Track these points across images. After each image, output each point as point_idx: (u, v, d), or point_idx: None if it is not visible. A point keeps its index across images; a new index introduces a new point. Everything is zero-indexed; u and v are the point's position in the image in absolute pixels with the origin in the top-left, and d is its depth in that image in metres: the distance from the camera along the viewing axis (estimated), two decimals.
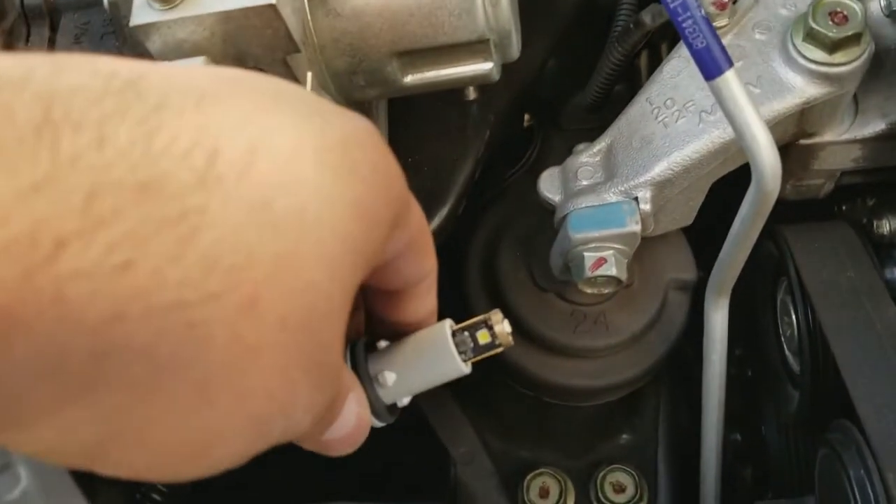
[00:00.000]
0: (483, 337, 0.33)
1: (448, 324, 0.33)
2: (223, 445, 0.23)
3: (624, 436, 0.55)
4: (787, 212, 0.51)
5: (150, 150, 0.19)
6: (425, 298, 0.33)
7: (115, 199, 0.18)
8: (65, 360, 0.18)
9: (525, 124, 0.63)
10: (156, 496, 0.31)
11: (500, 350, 0.33)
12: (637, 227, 0.45)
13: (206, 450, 0.22)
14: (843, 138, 0.46)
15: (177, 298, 0.19)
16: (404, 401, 0.35)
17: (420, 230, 0.29)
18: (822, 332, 0.45)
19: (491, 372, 0.53)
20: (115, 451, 0.21)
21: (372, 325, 0.35)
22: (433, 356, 0.33)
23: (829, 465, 0.42)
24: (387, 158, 0.26)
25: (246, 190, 0.20)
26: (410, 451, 0.58)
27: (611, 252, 0.45)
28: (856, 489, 0.40)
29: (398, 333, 0.34)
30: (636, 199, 0.45)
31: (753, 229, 0.39)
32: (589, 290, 0.48)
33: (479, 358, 0.34)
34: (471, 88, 0.50)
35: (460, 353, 0.33)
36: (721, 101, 0.35)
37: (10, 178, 0.17)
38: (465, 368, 0.33)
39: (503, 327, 0.33)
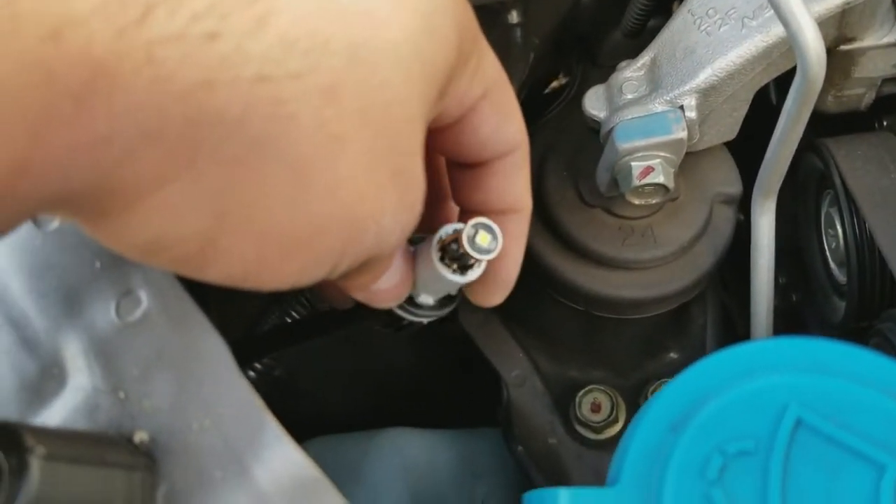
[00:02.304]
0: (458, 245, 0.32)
1: (445, 229, 0.33)
2: (321, 239, 0.24)
3: (671, 354, 0.57)
4: (829, 128, 0.53)
5: None
6: (511, 181, 0.33)
7: None
8: (162, 125, 0.20)
9: (556, 84, 0.66)
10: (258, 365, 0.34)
11: (481, 258, 0.33)
12: (683, 134, 0.47)
13: (306, 241, 0.24)
14: (884, 42, 0.47)
15: (260, 72, 0.21)
16: (420, 296, 0.36)
17: (498, 84, 0.30)
18: (868, 232, 0.47)
19: (541, 294, 0.55)
20: (222, 238, 0.23)
21: None
22: (427, 263, 0.34)
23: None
24: None
25: None
26: (464, 377, 0.61)
27: (658, 160, 0.48)
28: None
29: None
30: (682, 107, 0.47)
31: (800, 121, 0.41)
32: (636, 201, 0.50)
33: (454, 264, 0.33)
34: (514, 12, 0.53)
35: (449, 257, 0.33)
36: None
37: None
38: (448, 274, 0.33)
39: (469, 243, 0.32)
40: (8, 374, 0.27)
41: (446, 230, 0.33)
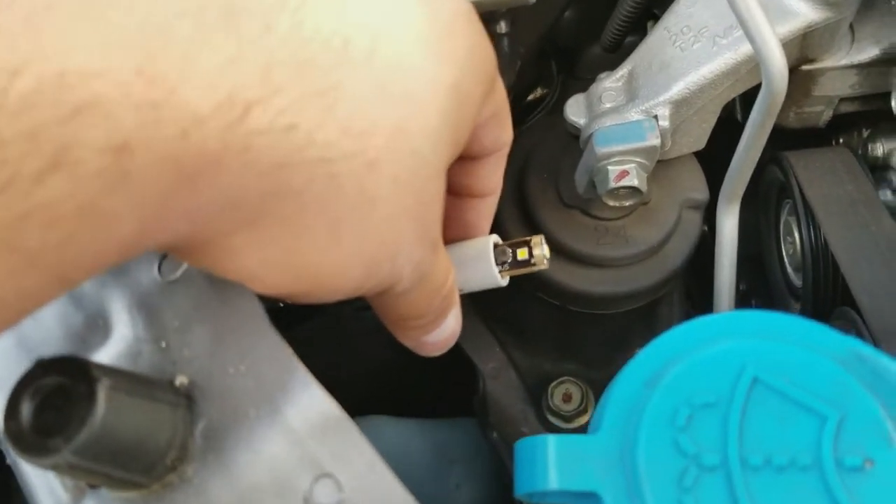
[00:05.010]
0: (521, 254, 0.41)
1: (493, 238, 0.41)
2: (343, 277, 0.29)
3: (638, 350, 0.62)
4: (790, 143, 0.58)
5: (302, 35, 0.25)
6: (495, 169, 0.40)
7: (281, 74, 0.24)
8: (244, 195, 0.25)
9: (532, 97, 0.70)
10: None
11: (534, 269, 0.41)
12: (657, 142, 0.52)
13: (331, 279, 0.29)
14: (842, 63, 0.53)
15: (322, 155, 0.26)
16: None
17: (502, 104, 0.36)
18: (823, 238, 0.52)
19: (519, 290, 0.59)
20: (266, 274, 0.28)
21: None
22: (475, 263, 0.41)
23: None
24: (481, 42, 0.32)
25: (370, 71, 0.27)
26: (441, 368, 0.65)
27: (633, 165, 0.52)
28: None
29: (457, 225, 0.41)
30: (656, 116, 0.52)
31: (763, 131, 0.46)
32: (612, 203, 0.55)
33: (514, 272, 0.42)
34: (503, 23, 0.57)
35: (499, 263, 0.41)
36: (733, 6, 0.42)
37: (214, 54, 0.23)
38: (500, 279, 0.41)
39: (541, 250, 0.41)
40: (55, 325, 0.31)
41: (496, 240, 0.41)
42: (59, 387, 0.25)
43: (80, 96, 0.20)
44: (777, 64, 0.43)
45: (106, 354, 0.30)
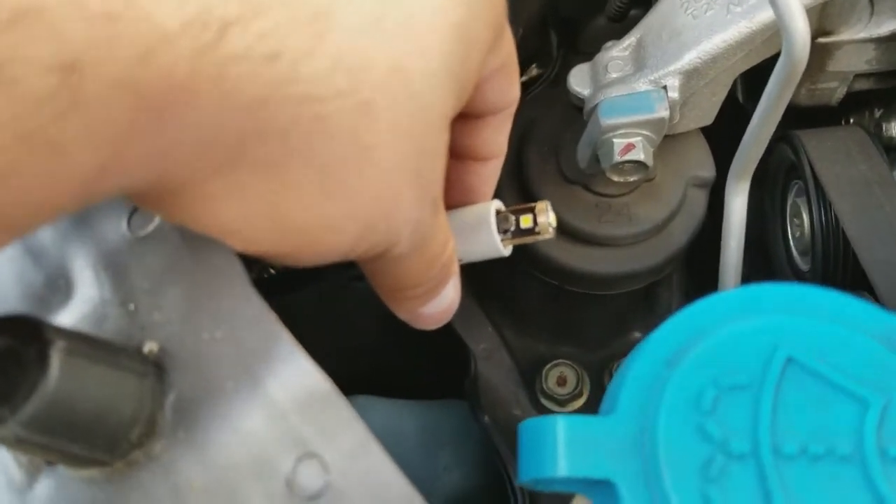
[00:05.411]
0: (525, 221, 0.37)
1: (495, 203, 0.37)
2: (333, 235, 0.26)
3: (637, 333, 0.59)
4: (798, 123, 0.55)
5: None
6: (499, 130, 0.36)
7: None
8: (220, 134, 0.22)
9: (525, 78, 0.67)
10: None
11: (538, 238, 0.38)
12: (665, 114, 0.48)
13: (320, 236, 0.26)
14: (860, 37, 0.50)
15: (309, 92, 0.22)
16: None
17: (511, 55, 0.32)
18: (834, 219, 0.49)
19: (515, 268, 0.56)
20: (246, 228, 0.25)
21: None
22: (475, 230, 0.37)
23: None
24: None
25: (364, 1, 0.24)
26: (432, 348, 0.62)
27: (639, 138, 0.49)
28: None
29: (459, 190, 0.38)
30: (665, 87, 0.49)
31: (781, 102, 0.43)
32: (616, 178, 0.52)
33: (517, 241, 0.38)
34: None
35: (501, 231, 0.37)
36: None
37: None
38: (502, 248, 0.38)
39: (547, 217, 0.37)
40: (12, 284, 0.27)
41: (498, 206, 0.37)
42: (8, 350, 0.22)
43: (18, 3, 0.17)
44: (800, 30, 0.39)
45: (67, 317, 0.26)
